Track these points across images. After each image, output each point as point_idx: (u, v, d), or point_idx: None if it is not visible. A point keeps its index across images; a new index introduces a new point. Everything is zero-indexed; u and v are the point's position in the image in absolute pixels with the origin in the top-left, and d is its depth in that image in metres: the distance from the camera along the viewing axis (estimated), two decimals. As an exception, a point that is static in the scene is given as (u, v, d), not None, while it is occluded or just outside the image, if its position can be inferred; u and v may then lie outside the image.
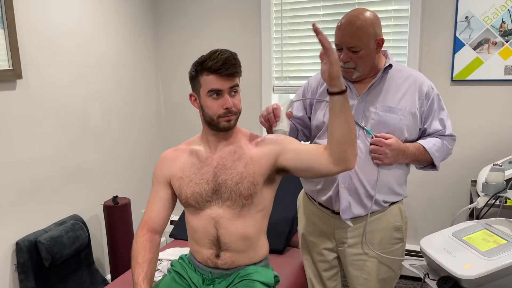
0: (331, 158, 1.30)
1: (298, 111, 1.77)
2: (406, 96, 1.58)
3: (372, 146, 1.55)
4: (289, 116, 1.57)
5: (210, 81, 1.35)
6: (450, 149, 1.66)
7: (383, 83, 1.60)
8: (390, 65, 1.60)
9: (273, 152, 1.40)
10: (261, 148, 1.43)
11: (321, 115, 1.66)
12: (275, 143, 1.42)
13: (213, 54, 1.35)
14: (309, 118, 1.75)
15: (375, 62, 1.58)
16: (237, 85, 1.39)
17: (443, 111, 1.63)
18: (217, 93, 1.36)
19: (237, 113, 1.41)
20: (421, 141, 1.61)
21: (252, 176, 1.40)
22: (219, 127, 1.39)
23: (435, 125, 1.62)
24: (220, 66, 1.33)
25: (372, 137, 1.56)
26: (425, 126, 1.63)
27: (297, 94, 1.81)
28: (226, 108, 1.36)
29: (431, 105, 1.60)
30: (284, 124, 1.54)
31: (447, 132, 1.63)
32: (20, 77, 2.08)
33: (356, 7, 2.62)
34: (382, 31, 1.56)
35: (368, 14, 1.51)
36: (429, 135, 1.64)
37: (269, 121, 1.58)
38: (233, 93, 1.39)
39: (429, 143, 1.60)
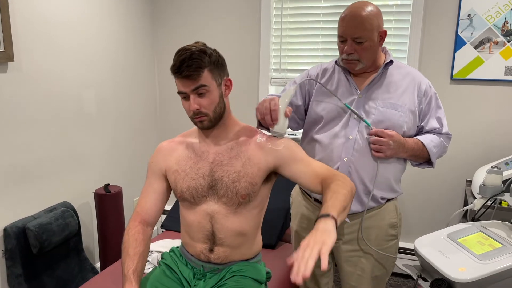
0: None
1: (297, 99, 1.72)
2: (405, 93, 1.59)
3: (373, 138, 1.53)
4: (287, 115, 1.46)
5: (177, 83, 1.32)
6: (446, 147, 1.68)
7: (383, 79, 1.60)
8: (391, 61, 1.60)
9: (272, 162, 1.38)
10: (261, 151, 1.39)
11: (319, 109, 1.64)
12: (276, 155, 1.38)
13: (176, 55, 1.29)
14: (305, 110, 1.73)
15: (377, 55, 1.58)
16: (202, 86, 1.29)
17: (440, 109, 1.64)
18: (184, 95, 1.32)
19: (208, 113, 1.33)
20: (419, 137, 1.62)
21: (251, 177, 1.37)
22: (197, 126, 1.39)
23: (432, 123, 1.63)
24: (176, 69, 1.28)
25: (371, 130, 1.55)
26: (422, 123, 1.63)
27: (300, 78, 1.73)
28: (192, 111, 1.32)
29: (429, 103, 1.62)
30: (281, 126, 1.44)
31: (444, 131, 1.64)
32: (12, 59, 2.03)
33: None
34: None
35: (371, 6, 1.52)
36: (426, 132, 1.64)
37: (266, 121, 1.48)
38: (199, 94, 1.31)
39: (427, 139, 1.61)
